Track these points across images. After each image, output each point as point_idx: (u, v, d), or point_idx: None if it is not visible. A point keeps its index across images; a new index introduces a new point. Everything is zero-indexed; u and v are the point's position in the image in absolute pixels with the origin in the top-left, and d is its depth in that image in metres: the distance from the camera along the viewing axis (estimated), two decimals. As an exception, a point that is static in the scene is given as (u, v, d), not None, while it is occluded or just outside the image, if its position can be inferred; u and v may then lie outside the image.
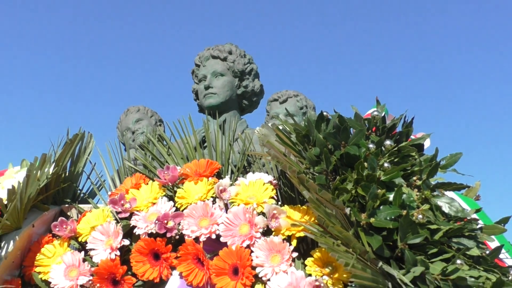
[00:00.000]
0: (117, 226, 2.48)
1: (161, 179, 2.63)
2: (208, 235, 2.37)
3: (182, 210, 2.48)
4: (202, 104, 3.61)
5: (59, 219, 2.54)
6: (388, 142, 2.32)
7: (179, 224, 2.43)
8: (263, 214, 2.35)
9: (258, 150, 2.87)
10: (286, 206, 2.40)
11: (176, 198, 2.54)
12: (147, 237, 2.43)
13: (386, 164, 2.21)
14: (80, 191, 2.91)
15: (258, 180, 2.51)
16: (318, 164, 2.24)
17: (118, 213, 2.54)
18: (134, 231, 2.47)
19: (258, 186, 2.47)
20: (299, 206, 2.41)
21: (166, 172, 2.63)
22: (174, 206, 2.52)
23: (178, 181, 2.64)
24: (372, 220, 2.03)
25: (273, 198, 2.44)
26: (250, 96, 3.69)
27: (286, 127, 2.46)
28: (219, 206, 2.46)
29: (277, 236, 2.30)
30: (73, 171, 2.82)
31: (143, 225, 2.46)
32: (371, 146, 2.28)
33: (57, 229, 2.52)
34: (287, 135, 2.42)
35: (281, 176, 2.59)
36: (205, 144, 3.01)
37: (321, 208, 2.11)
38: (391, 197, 2.08)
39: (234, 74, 3.58)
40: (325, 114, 2.41)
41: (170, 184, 2.62)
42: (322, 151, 2.25)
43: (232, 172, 2.77)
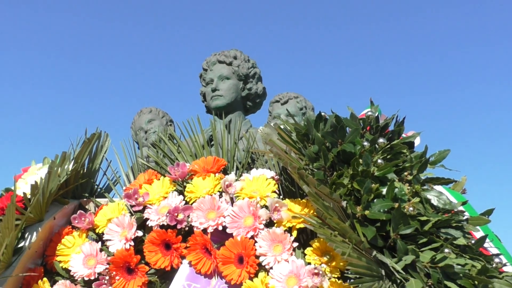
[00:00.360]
0: (131, 218, 2.49)
1: (171, 175, 2.63)
2: (215, 227, 2.38)
3: (191, 204, 2.48)
4: (209, 105, 3.61)
5: (78, 212, 2.55)
6: (381, 140, 2.32)
7: (189, 216, 2.43)
8: (266, 207, 2.36)
9: (261, 148, 2.87)
10: (287, 199, 2.40)
11: (185, 193, 2.54)
12: (159, 228, 2.44)
13: (379, 160, 2.21)
14: (97, 186, 2.92)
15: (261, 175, 2.51)
16: (317, 160, 2.25)
17: (132, 206, 2.54)
18: (147, 223, 2.47)
19: (261, 181, 2.47)
20: (299, 199, 2.41)
21: (176, 168, 2.63)
22: (183, 200, 2.53)
23: (187, 177, 2.63)
24: (366, 212, 2.03)
25: (275, 192, 2.44)
26: (253, 98, 3.69)
27: (287, 127, 2.46)
28: (225, 200, 2.46)
29: (279, 227, 2.30)
30: (90, 168, 2.82)
31: (155, 217, 2.46)
32: (366, 143, 2.28)
33: (76, 221, 2.53)
34: (288, 134, 2.42)
35: (282, 172, 2.59)
36: (212, 142, 3.01)
37: (319, 201, 2.11)
38: (384, 191, 2.08)
39: (239, 77, 3.57)
40: (323, 114, 2.42)
41: (180, 179, 2.62)
42: (321, 149, 2.25)
43: (237, 168, 2.77)
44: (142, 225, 2.49)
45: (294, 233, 2.29)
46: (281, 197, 2.47)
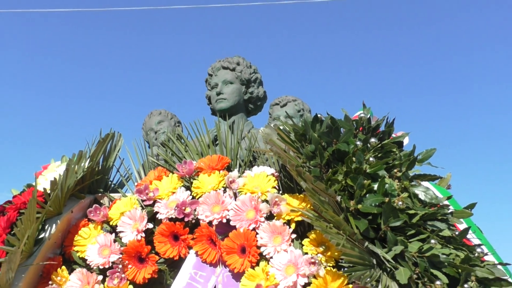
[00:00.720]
0: (142, 212, 2.49)
1: (179, 172, 2.64)
2: (219, 220, 2.38)
3: (198, 198, 2.49)
4: (214, 108, 3.62)
5: (94, 206, 2.56)
6: (373, 140, 2.33)
7: (195, 210, 2.43)
8: (267, 201, 2.36)
9: (262, 147, 2.87)
10: (286, 194, 2.40)
11: (192, 188, 2.55)
12: (168, 221, 2.44)
13: (371, 158, 2.22)
14: (111, 182, 2.92)
15: (262, 172, 2.51)
16: (313, 158, 2.25)
17: (143, 201, 2.54)
18: (157, 216, 2.48)
19: (262, 178, 2.47)
20: (297, 194, 2.41)
21: (184, 166, 2.64)
22: (190, 195, 2.53)
23: (194, 173, 2.64)
24: (359, 206, 2.04)
25: (275, 188, 2.44)
26: (255, 101, 3.69)
27: (286, 127, 2.46)
28: (229, 195, 2.46)
29: (278, 220, 2.30)
30: (105, 165, 2.83)
31: (165, 211, 2.47)
32: (359, 143, 2.28)
33: (92, 214, 2.54)
34: (287, 134, 2.43)
35: (281, 169, 2.59)
36: (216, 142, 3.01)
37: (316, 196, 2.12)
38: (376, 186, 2.09)
39: (242, 82, 3.57)
40: (319, 116, 2.42)
41: (187, 176, 2.63)
42: (317, 148, 2.25)
43: (240, 166, 2.77)
44: (152, 218, 2.50)
45: (293, 225, 2.29)
46: (280, 192, 2.47)
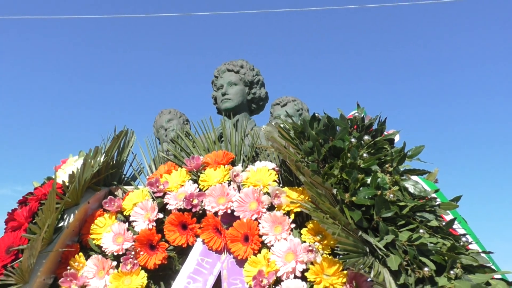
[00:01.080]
0: (153, 203, 2.50)
1: (187, 166, 2.64)
2: (224, 210, 2.39)
3: (204, 191, 2.49)
4: (219, 107, 3.61)
5: (108, 197, 2.56)
6: (366, 137, 2.33)
7: (202, 201, 2.44)
8: (268, 194, 2.37)
9: (264, 144, 2.87)
10: (286, 187, 2.40)
11: (199, 181, 2.55)
12: (177, 211, 2.45)
13: (365, 154, 2.22)
14: (124, 176, 2.92)
15: (264, 167, 2.51)
16: (311, 154, 2.25)
17: (154, 193, 2.55)
18: (167, 207, 2.49)
19: (264, 172, 2.48)
20: (296, 187, 2.42)
21: (191, 161, 2.64)
22: (198, 187, 2.54)
23: (201, 168, 2.64)
24: (353, 198, 2.04)
25: (275, 181, 2.45)
26: (257, 101, 3.68)
27: (286, 126, 2.46)
28: (233, 187, 2.47)
29: (279, 211, 2.31)
30: (119, 160, 2.83)
31: (174, 202, 2.47)
32: (353, 140, 2.28)
33: (107, 205, 2.54)
34: (287, 132, 2.43)
35: (282, 164, 2.59)
36: (222, 139, 3.01)
37: (313, 189, 2.12)
38: (369, 180, 2.09)
39: (245, 83, 3.57)
40: (317, 115, 2.42)
41: (195, 170, 2.63)
42: (315, 144, 2.26)
43: (243, 161, 2.77)
44: (163, 208, 2.51)
45: (292, 216, 2.30)
46: (280, 185, 2.47)
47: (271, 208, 2.35)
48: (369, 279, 2.11)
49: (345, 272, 2.10)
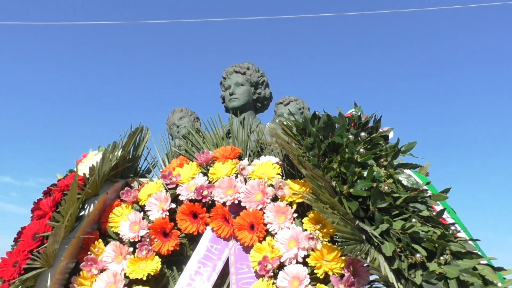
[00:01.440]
0: (166, 194, 2.51)
1: (198, 160, 2.65)
2: (232, 201, 2.40)
3: (213, 183, 2.50)
4: (227, 106, 3.61)
5: (125, 189, 2.58)
6: (363, 134, 2.33)
7: (211, 192, 2.45)
8: (272, 186, 2.37)
9: (268, 140, 2.88)
10: (289, 180, 2.41)
11: (209, 174, 2.56)
12: (188, 202, 2.46)
13: (361, 149, 2.22)
14: (139, 169, 2.92)
15: (268, 161, 2.52)
16: (312, 149, 2.25)
17: (167, 184, 2.56)
18: (179, 198, 2.49)
19: (268, 166, 2.48)
20: (298, 180, 2.42)
21: (201, 155, 2.65)
22: (207, 180, 2.54)
23: (210, 162, 2.65)
24: (351, 190, 2.04)
25: (279, 174, 2.45)
26: (262, 100, 3.68)
27: (289, 123, 2.46)
28: (240, 180, 2.47)
29: (282, 201, 2.31)
30: (134, 154, 2.83)
31: (185, 193, 2.48)
32: (351, 136, 2.28)
33: (124, 196, 2.56)
34: (290, 129, 2.43)
35: (285, 158, 2.60)
36: (229, 135, 3.01)
37: (314, 181, 2.12)
38: (365, 173, 2.09)
39: (251, 84, 3.56)
40: (317, 113, 2.42)
41: (205, 164, 2.64)
42: (315, 140, 2.26)
43: (249, 155, 2.78)
44: (175, 199, 2.52)
45: (294, 206, 2.31)
46: (284, 178, 2.47)
47: (275, 199, 2.35)
48: (365, 265, 2.12)
49: (343, 258, 2.11)
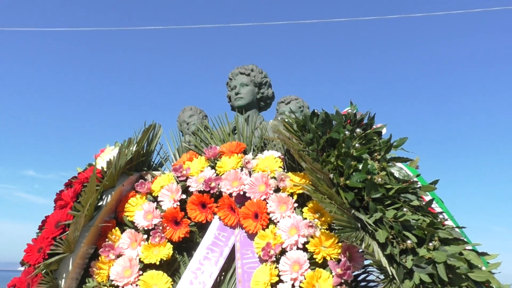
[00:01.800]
0: (177, 185, 2.52)
1: (206, 155, 2.65)
2: (238, 192, 2.40)
3: (221, 175, 2.50)
4: (233, 104, 3.61)
5: (140, 181, 2.59)
6: (358, 130, 2.32)
7: (219, 184, 2.45)
8: (275, 178, 2.38)
9: (271, 136, 2.88)
10: (290, 172, 2.41)
11: (216, 167, 2.56)
12: (197, 193, 2.47)
13: (357, 144, 2.22)
14: (152, 163, 2.93)
15: (271, 155, 2.52)
16: (311, 144, 2.25)
17: (178, 177, 2.57)
18: (189, 189, 2.50)
19: (271, 160, 2.49)
20: (299, 172, 2.42)
21: (209, 150, 2.65)
22: (215, 172, 2.54)
23: (218, 156, 2.65)
24: (347, 182, 2.04)
25: (281, 167, 2.45)
26: (265, 99, 3.67)
27: (290, 120, 2.46)
28: (245, 172, 2.48)
29: (284, 192, 2.32)
30: (148, 149, 2.83)
31: (195, 185, 2.49)
32: (347, 132, 2.28)
33: (138, 187, 2.57)
34: (291, 126, 2.43)
35: (286, 153, 2.60)
36: (235, 131, 3.02)
37: (313, 174, 2.13)
38: (360, 166, 2.09)
39: (255, 84, 3.55)
40: (316, 111, 2.42)
41: (212, 158, 2.64)
42: (314, 136, 2.26)
43: (253, 150, 2.78)
44: (185, 190, 2.53)
45: (295, 196, 2.31)
46: (285, 171, 2.48)
47: (277, 190, 2.36)
48: (360, 250, 2.13)
49: (340, 244, 2.12)
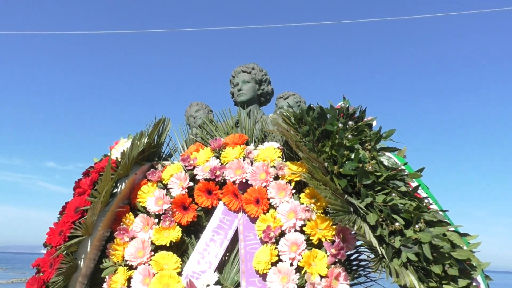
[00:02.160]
0: (185, 174, 2.52)
1: (211, 146, 2.65)
2: (241, 180, 2.41)
3: (225, 165, 2.51)
4: (236, 100, 3.60)
5: (151, 170, 2.59)
6: (350, 123, 2.32)
7: (223, 173, 2.46)
8: (274, 167, 2.38)
9: (271, 128, 2.88)
10: (288, 162, 2.42)
11: (221, 157, 2.56)
12: (204, 180, 2.48)
13: (349, 136, 2.22)
14: (163, 154, 2.93)
15: (271, 146, 2.52)
16: (308, 136, 2.25)
17: (186, 166, 2.57)
18: (196, 177, 2.51)
19: (271, 150, 2.49)
20: (296, 161, 2.43)
21: (214, 141, 2.65)
22: (219, 162, 2.54)
23: (222, 147, 2.65)
24: (341, 169, 2.05)
25: (280, 157, 2.46)
26: (265, 95, 3.66)
27: (288, 114, 2.46)
28: (247, 162, 2.48)
29: (282, 180, 2.32)
30: (158, 141, 2.83)
31: (201, 173, 2.49)
32: (340, 125, 2.27)
33: (150, 176, 2.57)
34: (289, 119, 2.43)
35: (285, 143, 2.60)
36: (238, 124, 3.02)
37: (310, 162, 2.13)
38: (353, 156, 2.09)
39: (256, 81, 3.55)
40: (312, 105, 2.42)
41: (217, 149, 2.64)
42: (310, 128, 2.26)
43: (254, 141, 2.78)
44: (193, 178, 2.53)
45: (293, 183, 2.32)
46: (284, 160, 2.48)
47: (277, 177, 2.36)
48: (353, 232, 2.14)
49: (334, 226, 2.13)
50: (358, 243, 2.18)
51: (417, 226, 1.90)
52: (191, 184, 2.50)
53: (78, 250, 2.28)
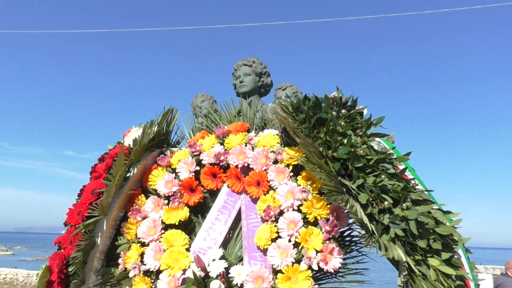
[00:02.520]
0: (192, 159, 2.53)
1: (216, 133, 2.65)
2: (243, 164, 2.41)
3: (228, 150, 2.51)
4: (238, 91, 3.59)
5: (161, 156, 2.59)
6: (343, 111, 2.32)
7: (227, 158, 2.46)
8: (273, 152, 2.38)
9: (270, 117, 2.88)
10: (286, 147, 2.42)
11: (224, 144, 2.56)
12: (209, 165, 2.48)
13: (342, 123, 2.22)
14: (171, 141, 2.93)
15: (270, 133, 2.52)
16: (304, 123, 2.25)
17: (193, 152, 2.57)
18: (202, 162, 2.51)
19: (270, 137, 2.49)
20: (293, 147, 2.43)
21: (219, 129, 2.65)
22: (223, 148, 2.54)
23: (225, 134, 2.65)
24: (334, 154, 2.05)
25: (278, 143, 2.46)
26: (265, 87, 3.64)
27: (286, 103, 2.46)
28: (249, 148, 2.48)
29: (281, 164, 2.33)
30: (167, 129, 2.82)
31: (207, 158, 2.50)
32: (334, 113, 2.27)
33: (160, 161, 2.57)
34: (286, 108, 2.42)
35: (283, 131, 2.59)
36: (240, 114, 3.02)
37: (306, 148, 2.13)
38: (345, 141, 2.09)
39: (256, 74, 3.53)
40: (308, 95, 2.41)
41: (221, 136, 2.64)
42: (306, 116, 2.25)
43: (255, 129, 2.78)
44: (199, 163, 2.53)
45: (290, 167, 2.32)
46: (282, 145, 2.48)
47: (276, 162, 2.36)
48: (345, 211, 2.15)
49: (328, 206, 2.14)
50: (351, 221, 2.19)
51: (404, 204, 1.91)
52: (198, 168, 2.50)
53: (95, 229, 2.30)
